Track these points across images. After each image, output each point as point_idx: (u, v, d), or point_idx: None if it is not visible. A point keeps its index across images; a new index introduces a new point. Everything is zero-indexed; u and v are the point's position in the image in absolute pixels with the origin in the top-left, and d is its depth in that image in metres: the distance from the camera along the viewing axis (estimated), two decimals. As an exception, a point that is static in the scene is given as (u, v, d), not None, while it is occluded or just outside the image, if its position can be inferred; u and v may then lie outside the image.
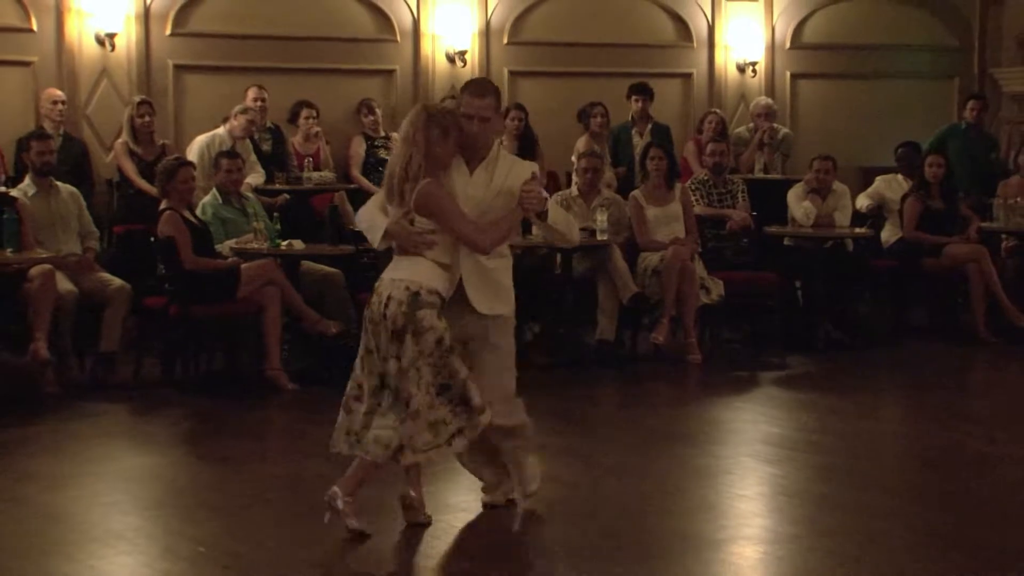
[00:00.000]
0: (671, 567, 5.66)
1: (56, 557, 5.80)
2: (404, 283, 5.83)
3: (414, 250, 5.88)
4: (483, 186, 5.99)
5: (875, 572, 5.65)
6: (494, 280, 6.06)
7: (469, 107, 5.98)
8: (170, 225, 9.21)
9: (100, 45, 11.98)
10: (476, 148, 6.01)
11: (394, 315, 5.79)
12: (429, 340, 5.79)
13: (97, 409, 8.77)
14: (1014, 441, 8.24)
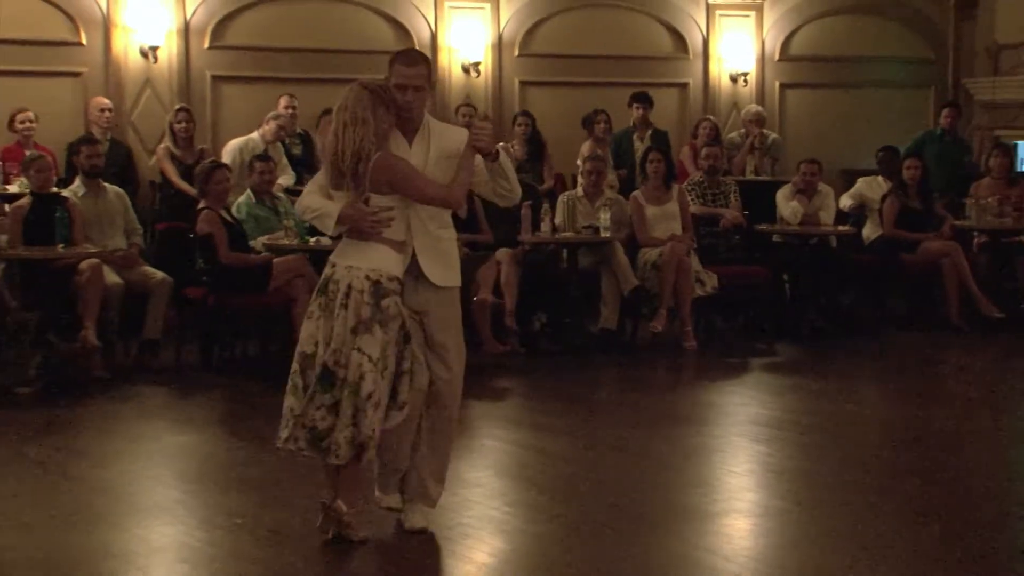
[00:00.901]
0: (668, 538, 5.68)
1: (104, 527, 5.84)
2: (363, 272, 5.39)
3: (370, 231, 5.42)
4: (422, 155, 5.57)
5: (855, 542, 5.65)
6: (445, 251, 5.66)
7: (401, 77, 5.56)
8: (208, 223, 9.23)
9: (144, 58, 12.01)
10: (411, 119, 5.60)
11: (357, 306, 5.36)
12: (394, 328, 5.40)
13: (141, 391, 8.81)
14: (984, 421, 8.26)
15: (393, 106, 5.49)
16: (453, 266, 5.71)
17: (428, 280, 5.60)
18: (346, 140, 5.40)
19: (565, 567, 5.37)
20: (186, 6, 12.19)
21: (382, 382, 5.39)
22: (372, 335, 5.36)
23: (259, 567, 5.34)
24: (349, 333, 5.37)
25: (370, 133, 5.37)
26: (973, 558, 5.43)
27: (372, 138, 5.38)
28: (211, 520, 5.94)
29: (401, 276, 5.51)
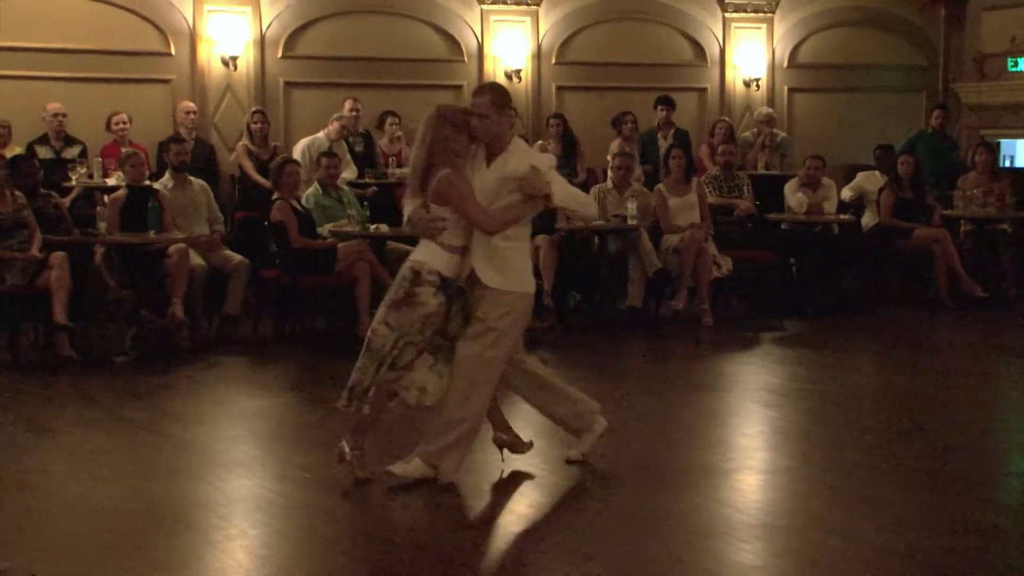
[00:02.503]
0: (688, 492, 5.65)
1: (189, 480, 5.86)
2: (411, 263, 5.61)
3: (429, 235, 5.61)
4: (495, 175, 5.62)
5: (854, 495, 5.62)
6: (501, 258, 5.64)
7: (472, 106, 5.67)
8: (280, 212, 9.25)
9: (225, 66, 12.04)
10: (490, 142, 5.65)
11: (397, 287, 5.58)
12: (419, 314, 5.51)
13: (222, 361, 8.85)
14: (968, 388, 8.17)
15: (465, 128, 5.59)
16: (508, 272, 5.67)
17: (481, 281, 5.65)
18: (413, 155, 5.69)
19: (595, 515, 5.36)
20: (262, 21, 12.21)
21: (394, 350, 5.53)
22: (399, 312, 5.53)
23: (325, 516, 5.36)
24: (384, 307, 5.58)
25: (425, 152, 5.56)
26: (960, 510, 5.38)
27: (426, 156, 5.55)
28: (283, 474, 5.96)
29: (447, 273, 5.57)
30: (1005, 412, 7.72)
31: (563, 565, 4.80)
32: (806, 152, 11.85)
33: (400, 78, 12.67)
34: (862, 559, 4.73)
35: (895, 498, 5.58)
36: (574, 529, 5.24)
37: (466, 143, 5.62)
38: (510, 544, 5.04)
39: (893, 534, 5.03)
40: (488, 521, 5.38)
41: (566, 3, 13.31)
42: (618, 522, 5.33)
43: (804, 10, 14.18)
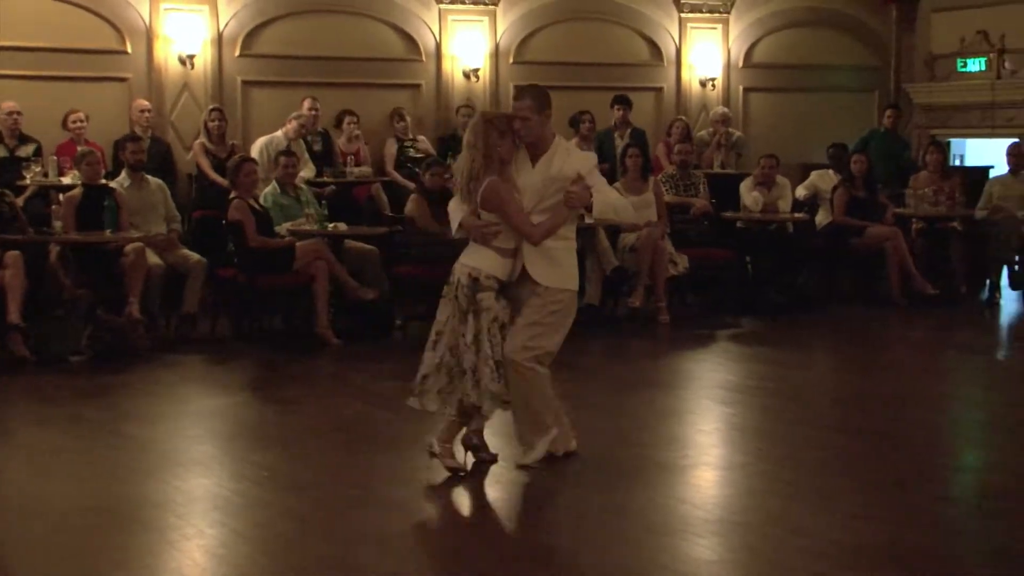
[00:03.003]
0: (645, 487, 5.66)
1: (146, 478, 5.81)
2: (468, 269, 5.69)
3: (482, 240, 5.71)
4: (540, 176, 5.72)
5: (809, 490, 5.65)
6: (551, 257, 5.74)
7: (513, 109, 5.81)
8: (238, 211, 9.19)
9: (182, 64, 11.93)
10: (533, 143, 5.76)
11: (461, 297, 5.67)
12: (486, 319, 5.64)
13: (179, 359, 8.78)
14: (920, 384, 8.25)
15: (510, 133, 5.67)
16: (556, 270, 5.76)
17: (532, 279, 5.72)
18: (462, 160, 5.76)
19: (553, 511, 5.36)
20: (219, 19, 12.11)
21: (478, 360, 5.63)
22: (467, 323, 5.65)
23: (283, 515, 5.32)
24: (456, 320, 5.70)
25: (479, 156, 5.63)
26: (913, 505, 5.42)
27: (481, 161, 5.62)
28: (241, 473, 5.92)
29: (503, 276, 5.71)
30: (956, 408, 7.79)
31: (521, 562, 4.80)
32: (761, 151, 11.92)
33: (358, 77, 12.62)
34: (817, 554, 4.75)
35: (849, 493, 5.61)
36: (532, 526, 5.23)
37: (511, 148, 5.71)
38: (468, 542, 5.02)
39: (847, 529, 5.06)
40: (446, 519, 5.37)
41: (524, 3, 13.31)
42: (576, 518, 5.33)
43: (759, 11, 14.26)
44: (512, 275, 5.76)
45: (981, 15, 13.78)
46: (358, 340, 9.34)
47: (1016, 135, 13.10)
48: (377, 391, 7.79)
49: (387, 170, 12.16)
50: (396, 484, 5.69)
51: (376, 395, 7.67)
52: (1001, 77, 13.51)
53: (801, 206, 11.84)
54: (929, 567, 4.66)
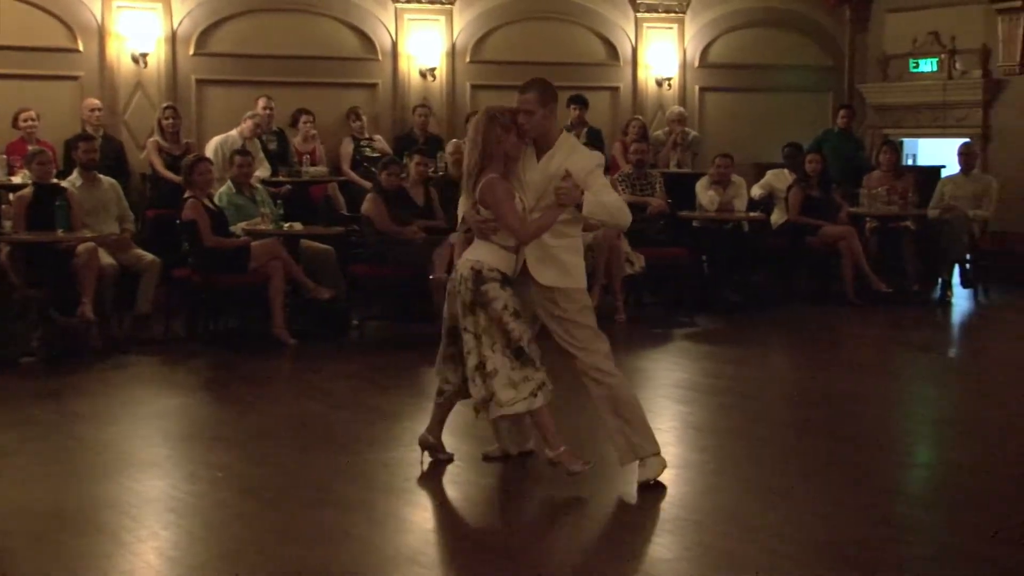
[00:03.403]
0: (604, 486, 5.65)
1: (100, 481, 5.76)
2: (470, 263, 5.60)
3: (482, 235, 5.62)
4: (542, 171, 5.59)
5: (765, 488, 5.68)
6: (554, 256, 5.61)
7: (517, 102, 5.66)
8: (192, 210, 9.13)
9: (135, 63, 11.83)
10: (538, 138, 5.63)
11: (464, 292, 5.56)
12: (496, 308, 5.51)
13: (133, 360, 8.71)
14: (874, 382, 8.32)
15: (514, 128, 5.57)
16: (561, 269, 5.64)
17: (536, 280, 5.63)
18: (466, 156, 5.69)
19: (512, 511, 5.36)
20: (173, 17, 12.02)
21: (493, 354, 5.52)
22: (475, 316, 5.53)
23: (238, 515, 5.29)
24: (460, 315, 5.59)
25: (477, 153, 5.55)
26: (868, 502, 5.46)
27: (478, 157, 5.55)
28: (196, 474, 5.87)
29: (506, 270, 5.60)
30: (910, 405, 7.86)
31: (480, 562, 4.79)
32: (716, 151, 11.97)
33: (314, 76, 12.57)
34: (773, 551, 4.78)
35: (805, 491, 5.64)
36: (490, 526, 5.23)
37: (516, 143, 5.61)
38: (424, 542, 5.01)
39: (803, 526, 5.09)
40: (402, 519, 5.35)
41: (480, 2, 13.30)
42: (532, 517, 5.33)
43: (714, 11, 14.32)
44: (516, 270, 5.65)
45: (932, 16, 13.93)
46: (314, 340, 9.31)
47: (967, 135, 13.27)
48: (334, 391, 7.76)
49: (343, 169, 12.11)
50: (354, 484, 5.67)
51: (333, 395, 7.64)
52: (952, 78, 13.66)
53: (757, 205, 11.91)
54: (882, 564, 4.69)
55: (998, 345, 10.02)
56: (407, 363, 8.70)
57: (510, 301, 5.56)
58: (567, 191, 5.50)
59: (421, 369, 8.60)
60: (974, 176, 12.07)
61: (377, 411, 7.22)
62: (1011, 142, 13.14)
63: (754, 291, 11.43)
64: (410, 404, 7.67)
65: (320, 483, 5.69)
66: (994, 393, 8.06)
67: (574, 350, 5.70)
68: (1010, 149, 13.12)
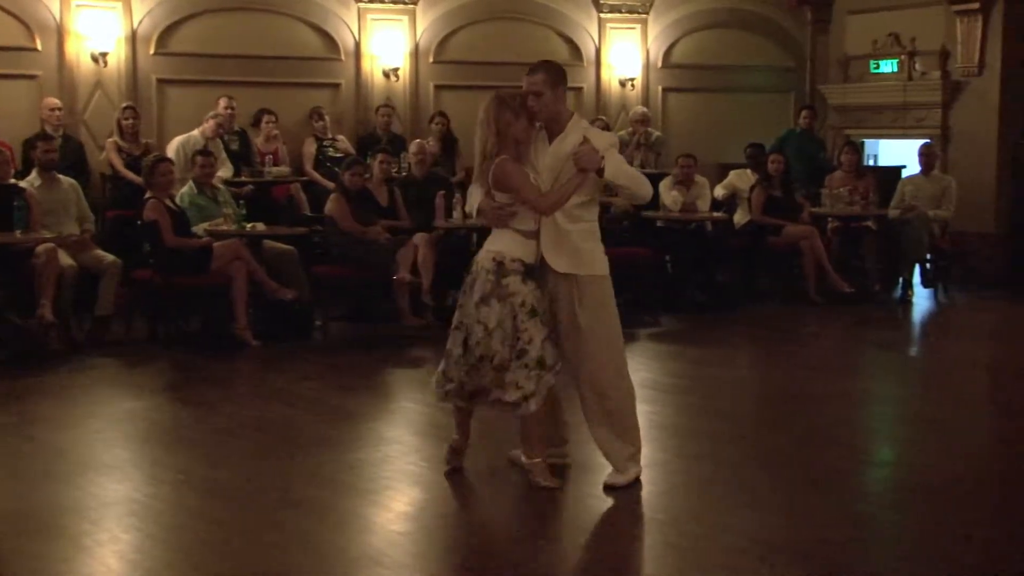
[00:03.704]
0: (566, 486, 5.65)
1: (59, 484, 5.68)
2: (492, 254, 5.47)
3: (498, 224, 5.50)
4: (556, 154, 5.50)
5: (728, 487, 5.70)
6: (571, 242, 5.50)
7: (525, 84, 5.54)
8: (153, 211, 9.07)
9: (95, 62, 11.72)
10: (548, 122, 5.54)
11: (483, 283, 5.44)
12: (515, 303, 5.41)
13: (93, 362, 8.63)
14: (836, 381, 8.36)
15: (524, 112, 5.47)
16: (577, 255, 5.53)
17: (552, 267, 5.53)
18: (476, 141, 5.54)
19: (473, 512, 5.34)
20: (133, 17, 11.92)
21: (502, 348, 5.41)
22: (490, 308, 5.42)
23: (200, 518, 5.24)
24: (474, 306, 5.46)
25: (492, 136, 5.43)
26: (831, 501, 5.49)
27: (494, 140, 5.42)
28: (157, 477, 5.82)
29: (528, 259, 5.49)
30: (871, 404, 7.91)
31: (444, 563, 4.78)
32: (679, 151, 12.02)
33: (276, 76, 12.50)
34: (737, 550, 4.79)
35: (768, 490, 5.67)
36: (455, 527, 5.21)
37: (527, 128, 5.50)
38: (388, 543, 4.99)
39: (767, 525, 5.11)
40: (366, 520, 5.33)
41: (443, 2, 13.27)
42: (496, 518, 5.32)
43: (677, 11, 14.37)
44: (538, 257, 5.53)
45: (893, 18, 14.03)
46: (277, 341, 9.26)
47: (927, 135, 13.37)
48: (297, 393, 7.72)
49: (306, 170, 12.06)
50: (316, 486, 5.64)
51: (296, 397, 7.60)
52: (912, 79, 13.76)
53: (720, 205, 11.96)
54: (846, 563, 4.71)
55: (958, 344, 10.10)
56: (370, 364, 8.68)
57: (528, 298, 5.45)
58: (587, 154, 5.39)
59: (385, 370, 8.60)
60: (934, 177, 12.17)
61: (340, 412, 7.19)
62: (970, 143, 13.26)
63: (717, 291, 11.48)
64: (373, 405, 7.66)
65: (283, 485, 5.65)
66: (954, 391, 8.13)
67: (575, 347, 5.57)
68: (969, 150, 13.24)
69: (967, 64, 13.23)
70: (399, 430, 6.88)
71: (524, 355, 5.45)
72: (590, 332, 5.56)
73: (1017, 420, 7.24)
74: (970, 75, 13.25)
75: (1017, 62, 13.00)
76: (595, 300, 5.58)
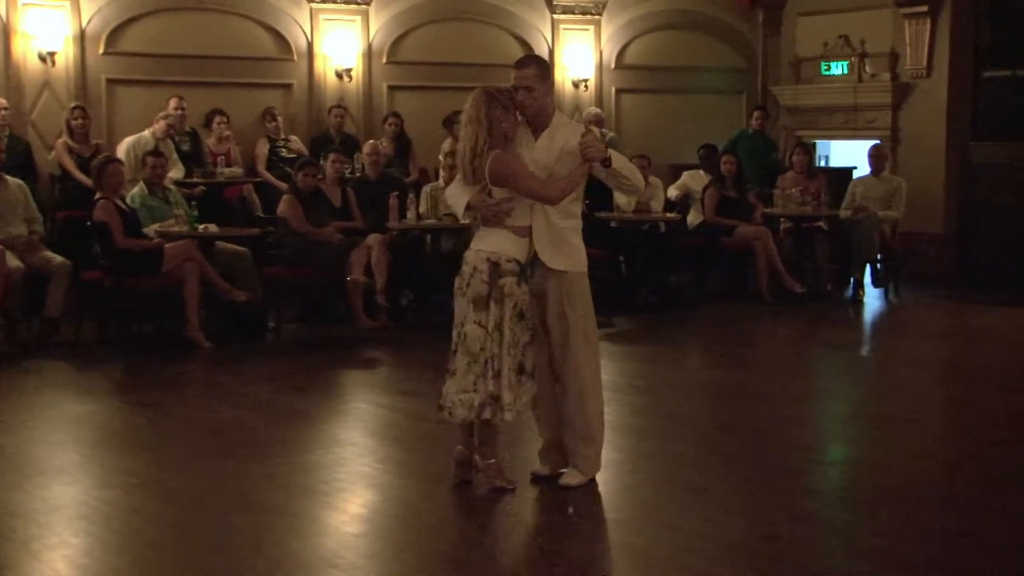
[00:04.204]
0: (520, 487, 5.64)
1: (9, 489, 5.61)
2: (485, 254, 5.39)
3: (494, 220, 5.42)
4: (546, 150, 5.46)
5: (682, 487, 5.72)
6: (563, 238, 5.52)
7: (513, 79, 5.48)
8: (104, 211, 8.99)
9: (43, 62, 11.59)
10: (535, 117, 5.49)
11: (477, 284, 5.36)
12: (509, 306, 5.35)
13: (43, 365, 8.54)
14: (788, 380, 8.43)
15: (513, 107, 5.42)
16: (567, 252, 5.54)
17: (548, 265, 5.51)
18: (464, 138, 5.42)
19: (427, 513, 5.33)
20: (82, 16, 11.80)
21: (500, 351, 5.34)
22: (487, 310, 5.35)
23: (152, 522, 5.20)
24: (470, 308, 5.37)
25: (484, 132, 5.34)
26: (782, 500, 5.52)
27: (486, 136, 5.35)
28: (107, 480, 5.76)
29: (522, 259, 5.45)
30: (823, 403, 7.97)
31: (395, 564, 4.76)
32: (633, 151, 12.02)
33: (228, 76, 12.42)
34: (691, 550, 4.81)
35: (721, 489, 5.69)
36: (409, 530, 5.20)
37: (515, 123, 5.46)
38: (342, 545, 4.97)
39: (720, 524, 5.13)
40: (320, 522, 5.30)
41: (396, 3, 13.24)
42: (450, 519, 5.32)
43: (630, 12, 14.42)
44: (530, 255, 5.51)
45: (843, 20, 14.16)
46: (230, 343, 9.20)
47: (877, 137, 13.50)
48: (250, 395, 7.67)
49: (259, 170, 11.99)
50: (270, 488, 5.60)
51: (249, 399, 7.55)
52: (862, 80, 13.89)
53: (673, 206, 12.02)
54: (799, 561, 4.75)
55: (909, 343, 10.20)
56: (324, 365, 8.64)
57: (520, 301, 5.42)
58: (594, 144, 5.39)
59: (338, 371, 8.56)
60: (884, 178, 12.29)
61: (294, 414, 7.16)
62: (919, 144, 13.40)
63: (671, 291, 11.52)
64: (327, 407, 7.62)
65: (236, 488, 5.61)
66: (905, 390, 8.21)
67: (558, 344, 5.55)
68: (918, 151, 13.39)
69: (916, 66, 13.38)
70: (353, 432, 6.86)
71: (521, 368, 5.43)
72: (576, 328, 5.55)
73: (967, 418, 7.33)
74: (919, 77, 13.40)
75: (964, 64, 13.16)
76: (582, 296, 5.61)
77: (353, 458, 6.12)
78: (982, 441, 6.68)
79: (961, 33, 13.17)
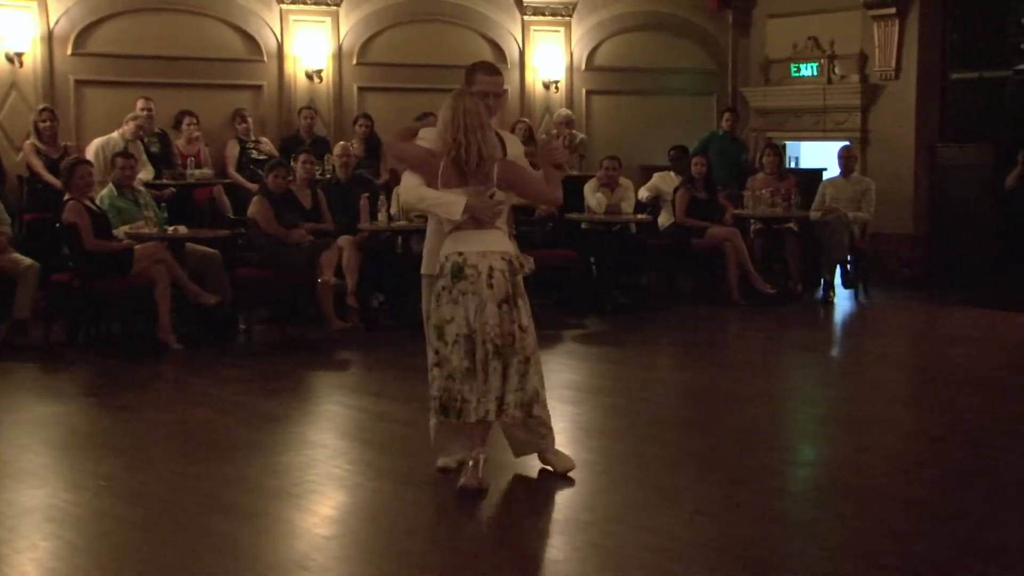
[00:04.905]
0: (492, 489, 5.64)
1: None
2: (499, 254, 5.40)
3: (490, 221, 5.43)
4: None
5: (651, 487, 5.73)
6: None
7: (485, 84, 5.52)
8: (73, 213, 8.94)
9: (10, 63, 11.51)
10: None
11: (500, 284, 5.36)
12: (525, 302, 5.47)
13: (11, 367, 8.47)
14: (760, 382, 8.46)
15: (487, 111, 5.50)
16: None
17: None
18: (471, 142, 5.37)
19: (399, 515, 5.33)
20: (49, 16, 11.73)
21: (535, 345, 5.47)
22: (518, 307, 5.42)
23: (122, 524, 5.17)
24: (499, 309, 5.37)
25: (491, 136, 5.40)
26: (754, 500, 5.55)
27: (495, 140, 5.42)
28: (77, 483, 5.73)
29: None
30: (793, 403, 8.01)
31: (366, 566, 4.76)
32: (603, 153, 12.08)
33: (197, 77, 12.38)
34: (663, 550, 4.83)
35: (693, 490, 5.71)
36: (381, 531, 5.20)
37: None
38: (313, 547, 4.96)
39: (691, 525, 5.15)
40: (291, 524, 5.29)
41: (367, 4, 13.24)
42: (420, 522, 5.32)
43: (601, 14, 14.46)
44: None
45: (812, 22, 14.24)
46: (200, 345, 9.16)
47: (847, 138, 13.59)
48: (221, 397, 7.64)
49: (229, 172, 11.96)
50: (241, 491, 5.59)
51: (220, 401, 7.53)
52: (832, 82, 13.98)
53: (644, 207, 12.05)
54: (770, 561, 4.77)
55: (878, 343, 10.27)
56: (295, 367, 8.62)
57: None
58: (559, 149, 5.59)
59: (309, 373, 8.55)
60: (854, 179, 12.37)
61: (265, 416, 7.14)
62: (888, 146, 13.50)
63: (641, 292, 11.56)
64: (297, 408, 7.60)
65: (207, 490, 5.59)
66: (875, 390, 8.26)
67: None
68: (887, 152, 13.48)
69: (884, 68, 13.48)
70: (324, 434, 6.84)
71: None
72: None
73: (938, 417, 7.38)
74: (887, 79, 13.50)
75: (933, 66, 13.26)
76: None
77: (324, 460, 6.11)
78: (950, 441, 6.73)
79: (929, 35, 13.27)
